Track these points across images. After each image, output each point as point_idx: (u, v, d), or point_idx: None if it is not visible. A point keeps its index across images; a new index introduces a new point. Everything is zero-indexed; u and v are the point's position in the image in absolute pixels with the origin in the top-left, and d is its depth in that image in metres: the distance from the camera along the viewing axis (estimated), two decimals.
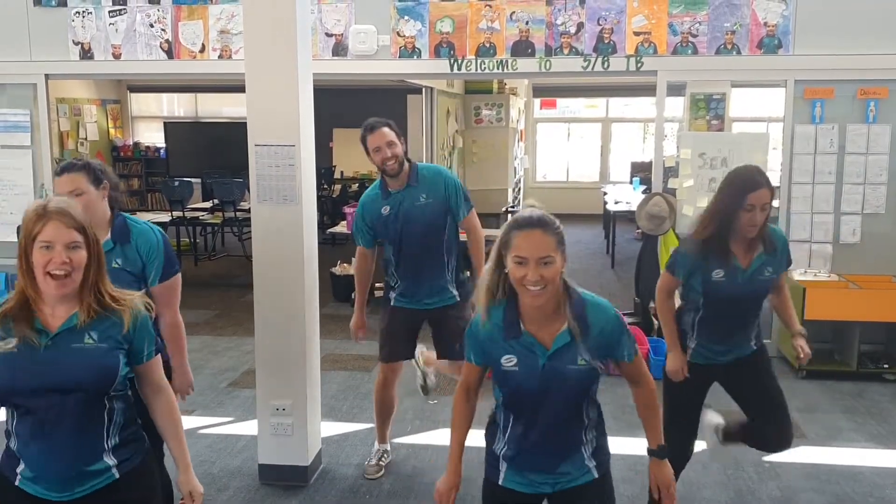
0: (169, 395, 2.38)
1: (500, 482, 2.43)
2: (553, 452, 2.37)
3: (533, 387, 2.29)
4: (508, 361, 2.30)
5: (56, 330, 2.14)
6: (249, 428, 4.71)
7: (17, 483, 2.19)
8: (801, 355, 3.43)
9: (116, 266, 2.92)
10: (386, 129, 3.96)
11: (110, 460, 2.22)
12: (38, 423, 2.15)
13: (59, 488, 2.18)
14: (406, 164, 4.03)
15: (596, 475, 2.40)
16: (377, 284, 5.17)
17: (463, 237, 4.23)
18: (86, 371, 2.12)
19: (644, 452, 2.57)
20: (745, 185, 3.11)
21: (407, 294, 4.13)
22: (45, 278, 2.09)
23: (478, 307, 2.38)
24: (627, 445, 4.39)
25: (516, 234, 2.22)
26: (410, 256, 4.06)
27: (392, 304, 4.19)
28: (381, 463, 4.37)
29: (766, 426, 3.46)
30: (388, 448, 4.46)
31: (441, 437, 4.82)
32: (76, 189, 2.99)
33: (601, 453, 2.44)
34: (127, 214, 3.14)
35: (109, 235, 2.98)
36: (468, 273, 4.41)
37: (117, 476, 2.23)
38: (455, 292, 4.15)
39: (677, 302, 3.50)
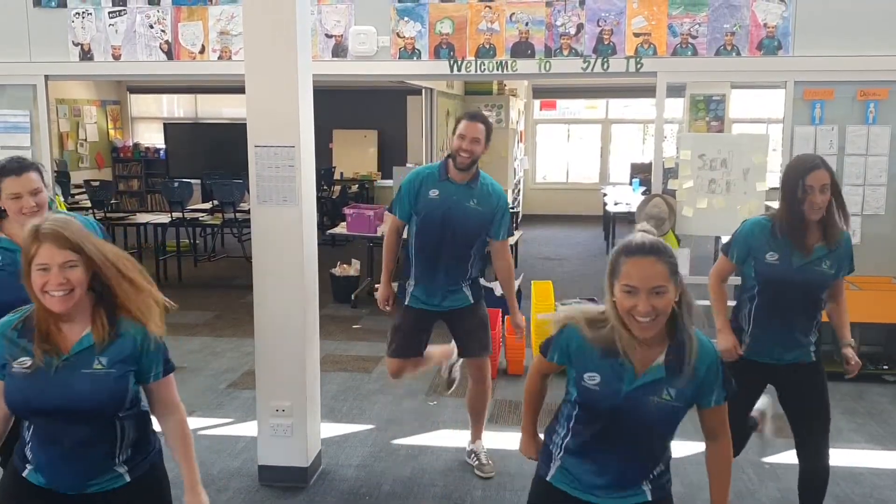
0: (180, 414, 2.38)
1: (548, 478, 2.35)
2: (608, 482, 2.25)
3: (607, 409, 2.18)
4: (591, 379, 2.18)
5: (68, 352, 2.16)
6: (249, 429, 4.71)
7: (24, 474, 2.25)
8: (853, 363, 3.37)
9: None
10: (481, 126, 3.99)
11: (121, 469, 2.26)
12: (48, 437, 2.20)
13: (68, 488, 2.24)
14: (475, 167, 4.05)
15: (650, 498, 2.27)
16: (376, 285, 5.17)
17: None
18: (95, 396, 2.15)
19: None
20: (802, 168, 3.17)
21: (422, 295, 4.15)
22: (44, 297, 2.12)
23: (578, 315, 2.27)
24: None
25: (626, 262, 2.11)
26: (433, 253, 4.07)
27: (406, 302, 4.19)
28: (452, 376, 4.62)
29: (799, 454, 3.41)
30: (455, 362, 4.59)
31: (441, 438, 4.82)
32: (38, 188, 3.05)
33: (660, 489, 2.31)
34: (54, 207, 3.24)
35: None
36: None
37: (128, 479, 2.27)
38: (469, 294, 4.17)
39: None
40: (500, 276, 4.32)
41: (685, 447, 4.57)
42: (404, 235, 4.28)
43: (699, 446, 2.25)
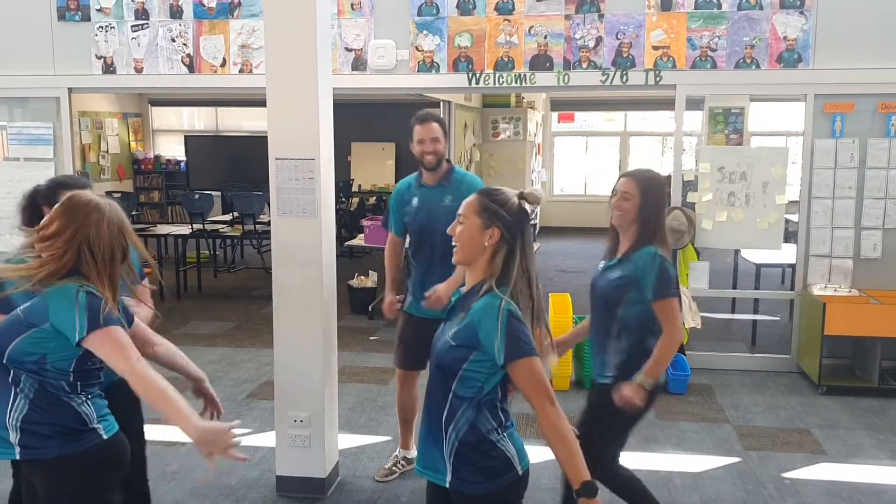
0: (126, 373, 2.38)
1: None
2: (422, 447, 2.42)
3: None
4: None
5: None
6: (267, 439, 4.73)
7: None
8: (618, 396, 3.07)
9: None
10: (435, 125, 4.10)
11: (13, 436, 2.39)
12: None
13: None
14: (444, 164, 4.14)
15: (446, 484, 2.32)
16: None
17: None
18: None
19: (664, 467, 2.54)
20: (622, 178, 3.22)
21: (418, 299, 4.16)
22: None
23: None
24: (643, 460, 4.37)
25: None
26: (427, 255, 4.14)
27: (405, 308, 4.26)
28: (394, 468, 4.42)
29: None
30: (411, 455, 4.45)
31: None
32: None
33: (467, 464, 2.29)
34: None
35: None
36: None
37: (17, 458, 2.41)
38: None
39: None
40: None
41: (702, 462, 4.55)
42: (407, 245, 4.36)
43: (718, 461, 2.25)
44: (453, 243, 2.29)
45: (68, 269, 2.38)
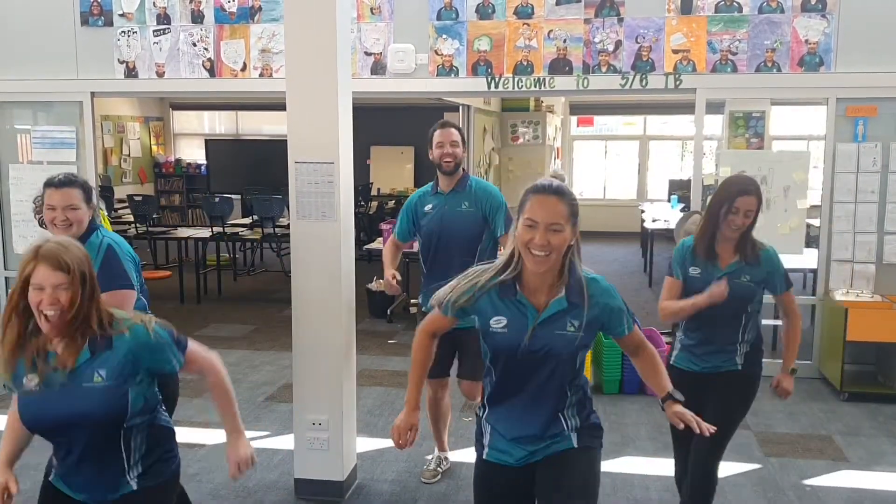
0: (214, 375, 2.56)
1: (484, 457, 2.49)
2: (533, 422, 2.40)
3: (518, 348, 2.32)
4: (498, 323, 2.33)
5: (71, 367, 2.24)
6: (286, 442, 4.74)
7: (51, 479, 2.40)
8: (779, 389, 3.56)
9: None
10: (454, 131, 4.22)
11: (132, 482, 2.34)
12: (63, 451, 2.32)
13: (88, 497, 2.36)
14: (461, 172, 4.22)
15: (576, 445, 2.41)
16: (412, 300, 5.21)
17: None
18: (96, 409, 2.23)
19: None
20: (737, 189, 3.27)
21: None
22: (40, 317, 2.20)
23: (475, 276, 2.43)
24: (664, 466, 4.34)
25: (531, 198, 2.28)
26: (442, 262, 4.14)
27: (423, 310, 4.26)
28: (438, 469, 4.51)
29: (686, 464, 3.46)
30: (447, 455, 4.59)
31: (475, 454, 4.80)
32: (74, 204, 3.14)
33: (586, 431, 2.45)
34: (101, 227, 3.33)
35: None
36: None
37: (135, 488, 2.34)
38: None
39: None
40: None
41: (722, 468, 4.51)
42: (409, 248, 4.44)
43: (739, 467, 2.23)
44: (544, 252, 2.24)
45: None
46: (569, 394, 2.40)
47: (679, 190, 11.98)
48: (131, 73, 6.89)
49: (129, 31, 6.84)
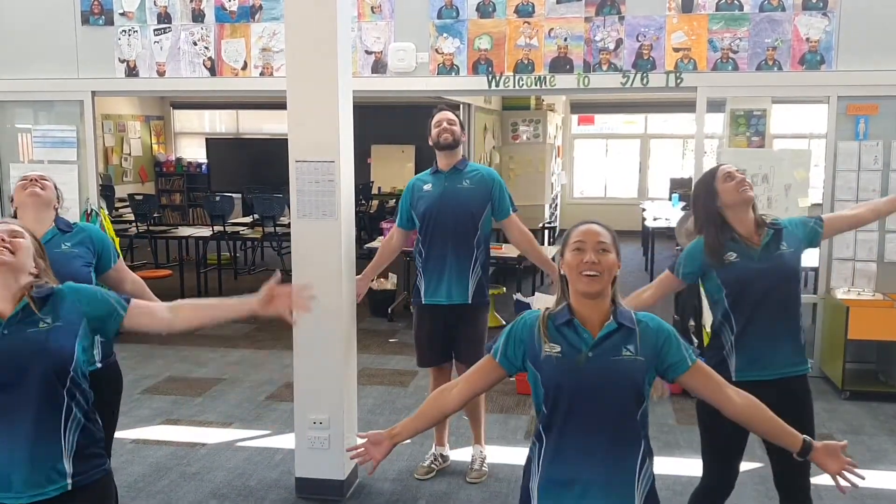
0: (172, 307, 2.52)
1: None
2: (599, 480, 2.23)
3: (572, 375, 2.19)
4: (553, 349, 2.21)
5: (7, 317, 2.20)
6: (287, 441, 4.74)
7: None
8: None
9: (66, 248, 3.14)
10: (450, 113, 4.29)
11: (67, 467, 2.22)
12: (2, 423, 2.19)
13: (13, 487, 2.18)
14: (459, 151, 4.28)
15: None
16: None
17: (498, 252, 4.30)
18: (45, 347, 2.19)
19: (685, 473, 2.53)
20: (708, 174, 3.17)
21: (431, 287, 4.25)
22: None
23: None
24: (664, 466, 4.33)
25: (574, 229, 2.33)
26: (439, 239, 4.19)
27: (422, 302, 4.31)
28: (432, 465, 4.50)
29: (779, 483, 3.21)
30: (446, 452, 4.58)
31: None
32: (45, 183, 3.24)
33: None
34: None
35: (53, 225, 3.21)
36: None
37: (70, 488, 2.22)
38: (472, 293, 4.23)
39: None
40: (521, 247, 4.44)
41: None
42: (406, 248, 4.48)
43: (740, 466, 2.21)
44: (595, 272, 2.21)
45: None
46: (642, 435, 2.27)
47: (680, 188, 11.99)
48: (132, 72, 6.89)
49: (129, 30, 6.84)
